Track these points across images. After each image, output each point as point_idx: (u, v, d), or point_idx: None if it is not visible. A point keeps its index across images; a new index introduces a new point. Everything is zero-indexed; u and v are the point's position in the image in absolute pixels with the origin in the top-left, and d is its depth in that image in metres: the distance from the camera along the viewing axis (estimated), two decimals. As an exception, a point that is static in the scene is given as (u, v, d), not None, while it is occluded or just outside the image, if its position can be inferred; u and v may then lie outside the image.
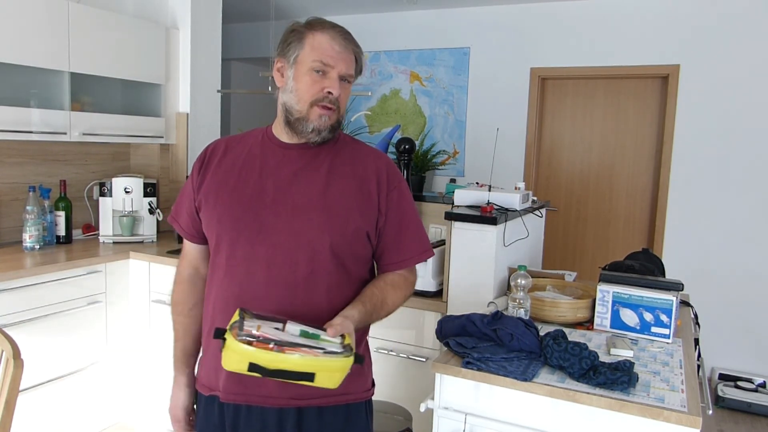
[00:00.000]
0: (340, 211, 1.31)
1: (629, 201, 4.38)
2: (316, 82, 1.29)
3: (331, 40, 1.30)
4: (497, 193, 2.46)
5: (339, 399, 1.33)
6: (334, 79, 1.29)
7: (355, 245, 1.33)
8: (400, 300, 1.39)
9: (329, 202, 1.31)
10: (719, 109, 3.97)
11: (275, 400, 1.29)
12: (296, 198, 1.31)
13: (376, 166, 1.38)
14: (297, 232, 1.28)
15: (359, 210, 1.32)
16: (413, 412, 2.03)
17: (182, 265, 1.50)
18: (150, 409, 3.03)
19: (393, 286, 1.38)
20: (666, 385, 1.49)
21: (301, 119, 1.31)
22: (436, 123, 4.94)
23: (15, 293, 2.48)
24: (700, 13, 3.99)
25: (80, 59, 2.92)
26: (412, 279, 1.44)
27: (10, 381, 1.40)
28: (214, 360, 1.35)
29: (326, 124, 1.31)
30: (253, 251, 1.29)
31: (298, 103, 1.31)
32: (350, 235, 1.31)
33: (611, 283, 1.98)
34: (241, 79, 5.82)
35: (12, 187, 3.06)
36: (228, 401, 1.32)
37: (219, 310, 1.34)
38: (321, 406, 1.32)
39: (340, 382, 1.14)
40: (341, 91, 1.31)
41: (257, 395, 1.30)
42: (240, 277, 1.30)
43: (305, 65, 1.30)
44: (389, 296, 1.36)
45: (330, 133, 1.33)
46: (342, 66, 1.30)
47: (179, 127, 3.56)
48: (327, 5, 4.84)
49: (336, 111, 1.32)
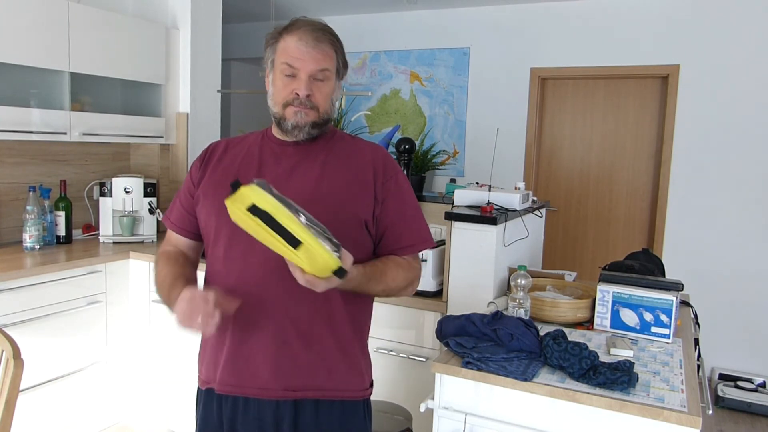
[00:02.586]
0: (335, 200, 1.32)
1: (629, 201, 4.38)
2: (287, 85, 1.33)
3: (298, 41, 1.31)
4: (497, 193, 2.46)
5: (335, 393, 1.34)
6: (302, 80, 1.31)
7: (352, 233, 1.33)
8: (401, 279, 1.38)
9: (324, 192, 1.33)
10: (719, 109, 3.97)
11: (271, 392, 1.30)
12: (293, 191, 1.31)
13: (372, 157, 1.40)
14: None
15: (355, 199, 1.34)
16: (413, 412, 2.03)
17: (164, 246, 1.50)
18: (150, 409, 3.03)
19: (395, 263, 1.38)
20: (666, 385, 1.49)
21: (281, 120, 1.35)
22: (436, 123, 4.94)
23: (15, 293, 2.48)
24: (700, 13, 3.99)
25: (80, 59, 2.92)
26: (416, 265, 1.44)
27: (10, 381, 1.40)
28: (213, 354, 1.37)
29: (304, 121, 1.33)
30: (250, 242, 1.29)
31: (274, 105, 1.36)
32: (348, 223, 1.32)
33: (611, 283, 1.98)
34: (241, 79, 5.81)
35: (12, 187, 3.06)
36: (224, 393, 1.33)
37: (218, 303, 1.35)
38: (317, 399, 1.33)
39: (314, 271, 1.11)
40: (314, 89, 1.32)
41: (252, 387, 1.31)
42: (238, 267, 1.32)
43: (277, 69, 1.34)
44: (390, 270, 1.36)
45: (314, 129, 1.35)
46: (310, 65, 1.31)
47: (179, 127, 3.56)
48: (327, 5, 4.84)
49: (313, 109, 1.33)
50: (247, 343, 1.31)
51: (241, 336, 1.32)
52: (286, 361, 1.30)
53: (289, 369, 1.31)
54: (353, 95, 5.01)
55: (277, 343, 1.30)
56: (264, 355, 1.30)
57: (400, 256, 1.40)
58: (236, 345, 1.32)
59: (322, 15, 5.03)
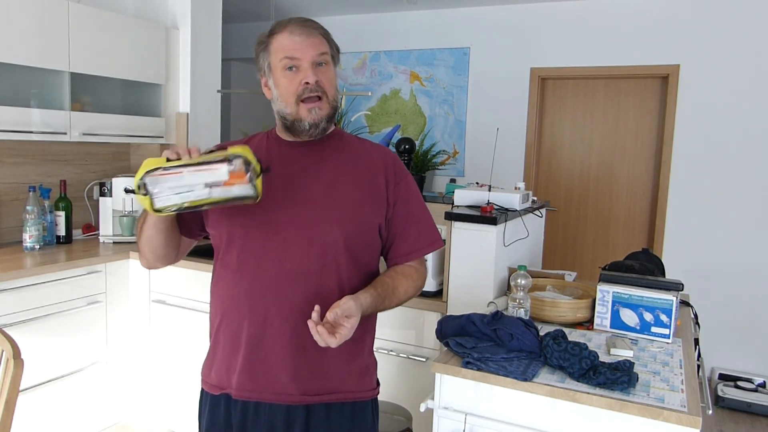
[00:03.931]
0: (350, 204, 1.32)
1: (629, 201, 4.38)
2: (292, 79, 1.31)
3: (290, 34, 1.31)
4: (497, 193, 2.46)
5: (346, 396, 1.35)
6: (306, 68, 1.30)
7: (366, 237, 1.35)
8: (412, 290, 1.41)
9: (338, 196, 1.32)
10: (719, 109, 3.97)
11: (288, 397, 1.30)
12: (305, 193, 1.32)
13: (383, 160, 1.40)
14: (307, 226, 1.29)
15: (369, 202, 1.34)
16: (413, 412, 2.03)
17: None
18: (150, 409, 3.03)
19: (404, 275, 1.40)
20: (666, 385, 1.49)
21: (296, 121, 1.33)
22: (436, 123, 4.94)
23: (15, 293, 2.48)
24: (700, 13, 3.99)
25: (80, 59, 2.92)
26: (422, 270, 1.45)
27: (10, 381, 1.40)
28: (225, 359, 1.36)
29: (319, 116, 1.32)
30: (264, 247, 1.30)
31: (286, 106, 1.33)
32: (361, 228, 1.33)
33: (611, 283, 1.98)
34: (241, 79, 5.81)
35: (12, 187, 3.06)
36: (241, 398, 1.33)
37: (228, 306, 1.35)
38: (329, 403, 1.33)
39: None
40: (320, 75, 1.31)
41: (270, 392, 1.31)
42: (251, 272, 1.31)
43: (277, 68, 1.32)
44: (400, 284, 1.38)
45: (328, 123, 1.35)
46: (310, 52, 1.31)
47: (179, 127, 3.56)
48: (327, 5, 4.84)
49: (324, 100, 1.32)
50: (264, 349, 1.31)
51: (257, 341, 1.31)
52: (304, 365, 1.30)
53: (307, 373, 1.31)
54: (353, 95, 5.01)
55: (294, 348, 1.30)
56: (282, 359, 1.30)
57: (409, 262, 1.41)
58: (253, 350, 1.31)
59: (322, 15, 5.03)
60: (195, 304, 2.79)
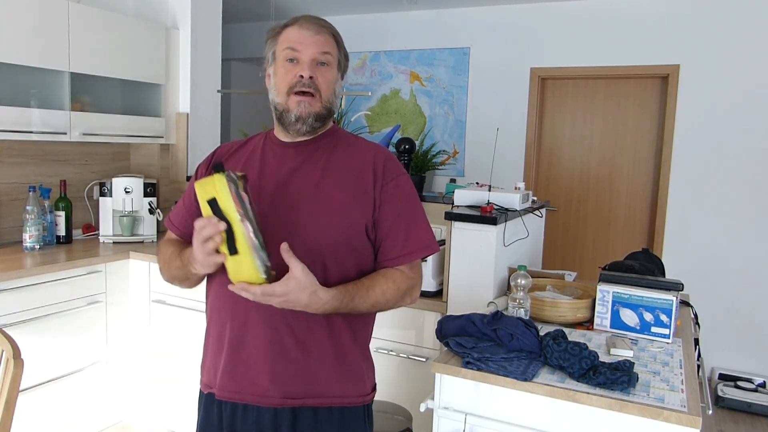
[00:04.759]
0: (336, 204, 1.30)
1: (629, 201, 4.38)
2: (290, 71, 1.31)
3: (300, 28, 1.32)
4: (497, 193, 2.46)
5: (333, 401, 1.32)
6: (305, 62, 1.30)
7: (353, 238, 1.31)
8: (391, 292, 1.31)
9: (324, 196, 1.30)
10: (719, 109, 3.97)
11: (270, 400, 1.29)
12: (293, 193, 1.31)
13: (373, 158, 1.36)
14: (294, 226, 1.28)
15: (355, 202, 1.31)
16: (413, 412, 2.03)
17: (165, 240, 1.50)
18: (150, 409, 3.03)
19: (385, 276, 1.32)
20: (666, 385, 1.49)
21: (284, 112, 1.33)
22: (436, 123, 4.94)
23: (15, 293, 2.48)
24: (700, 13, 3.99)
25: (80, 59, 2.92)
26: (411, 275, 1.35)
27: (10, 381, 1.40)
28: (212, 359, 1.37)
29: (307, 111, 1.31)
30: None
31: (278, 95, 1.34)
32: (347, 228, 1.30)
33: (611, 283, 1.98)
34: (241, 79, 5.81)
35: (12, 187, 3.06)
36: (223, 398, 1.33)
37: (215, 307, 1.35)
38: (315, 406, 1.31)
39: (236, 278, 1.16)
40: (318, 74, 1.31)
41: (251, 394, 1.30)
42: None
43: (279, 57, 1.33)
44: (378, 285, 1.30)
45: (316, 121, 1.33)
46: (313, 49, 1.30)
47: (179, 127, 3.56)
48: (327, 5, 4.84)
49: (317, 98, 1.31)
50: (245, 350, 1.30)
51: (238, 342, 1.30)
52: (285, 368, 1.29)
53: (288, 376, 1.29)
54: (353, 95, 5.01)
55: (274, 351, 1.28)
56: (262, 362, 1.29)
57: (397, 266, 1.34)
58: (234, 351, 1.31)
59: (322, 15, 5.00)
60: (195, 304, 2.79)
